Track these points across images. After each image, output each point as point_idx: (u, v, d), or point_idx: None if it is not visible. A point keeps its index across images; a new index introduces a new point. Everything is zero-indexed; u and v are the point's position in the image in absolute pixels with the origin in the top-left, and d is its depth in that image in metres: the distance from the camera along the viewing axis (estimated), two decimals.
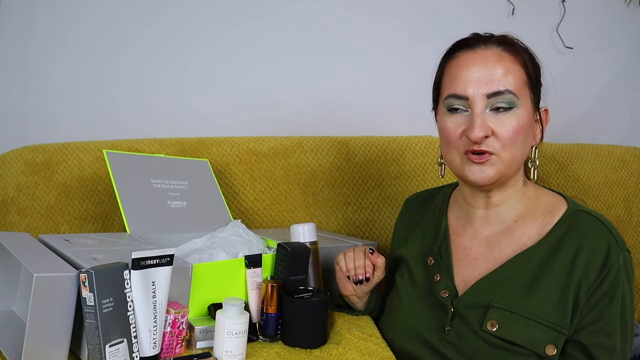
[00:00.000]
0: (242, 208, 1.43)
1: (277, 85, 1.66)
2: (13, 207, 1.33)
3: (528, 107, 0.87)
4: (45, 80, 1.55)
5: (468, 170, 0.88)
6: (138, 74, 1.59)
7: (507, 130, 0.85)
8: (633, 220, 1.59)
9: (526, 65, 0.88)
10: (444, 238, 0.99)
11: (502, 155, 0.86)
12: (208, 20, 1.60)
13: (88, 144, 1.42)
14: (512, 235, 0.92)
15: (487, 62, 0.86)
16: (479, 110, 0.85)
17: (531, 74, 0.88)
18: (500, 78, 0.85)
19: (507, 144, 0.85)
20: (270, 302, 0.92)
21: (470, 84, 0.86)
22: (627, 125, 1.89)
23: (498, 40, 0.89)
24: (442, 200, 1.05)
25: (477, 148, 0.85)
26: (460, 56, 0.89)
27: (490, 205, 0.94)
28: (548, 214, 0.91)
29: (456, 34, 0.95)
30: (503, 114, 0.85)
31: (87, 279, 0.72)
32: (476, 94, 0.85)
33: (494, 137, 0.85)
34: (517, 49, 0.88)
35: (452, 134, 0.89)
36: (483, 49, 0.88)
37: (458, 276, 0.94)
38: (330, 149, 1.51)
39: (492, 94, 0.85)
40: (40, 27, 1.53)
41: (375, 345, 0.91)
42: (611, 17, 1.81)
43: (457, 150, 0.89)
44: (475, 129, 0.84)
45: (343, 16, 1.66)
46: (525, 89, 0.87)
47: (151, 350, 0.78)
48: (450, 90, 0.88)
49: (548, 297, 0.84)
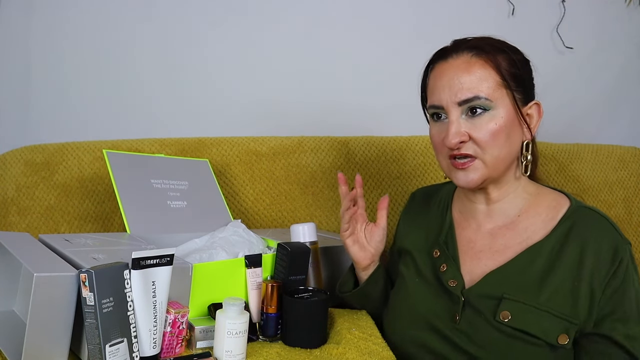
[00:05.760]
0: (242, 208, 1.43)
1: (277, 85, 1.66)
2: (13, 207, 1.33)
3: (507, 106, 0.89)
4: (45, 80, 1.55)
5: (454, 176, 0.93)
6: (138, 74, 1.59)
7: (483, 133, 0.88)
8: (633, 220, 1.59)
9: (499, 66, 0.89)
10: (449, 231, 1.01)
11: (484, 158, 0.89)
12: (208, 21, 1.60)
13: (88, 144, 1.42)
14: (516, 229, 0.94)
15: (456, 71, 0.90)
16: (452, 118, 0.89)
17: (506, 74, 0.89)
18: (469, 85, 0.88)
19: (485, 146, 0.88)
20: (270, 302, 0.92)
21: (443, 94, 0.90)
22: (627, 125, 1.89)
23: (470, 45, 0.91)
24: (447, 194, 1.08)
25: (457, 153, 0.90)
26: (436, 67, 0.94)
27: (490, 201, 0.97)
28: (552, 210, 0.93)
29: (456, 34, 0.96)
30: (478, 118, 0.89)
31: (87, 278, 0.72)
32: (449, 102, 0.90)
33: (472, 141, 0.89)
34: (489, 51, 0.90)
35: (436, 141, 0.94)
36: (454, 57, 0.91)
37: (464, 267, 0.96)
38: (330, 149, 1.51)
39: (462, 102, 0.89)
40: (40, 27, 1.53)
41: (375, 345, 0.91)
42: (611, 17, 1.81)
43: (443, 155, 0.94)
44: (449, 135, 0.89)
45: (343, 16, 1.66)
46: (500, 89, 0.89)
47: (151, 350, 0.78)
48: (430, 101, 0.94)
49: (559, 290, 0.87)
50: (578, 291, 0.86)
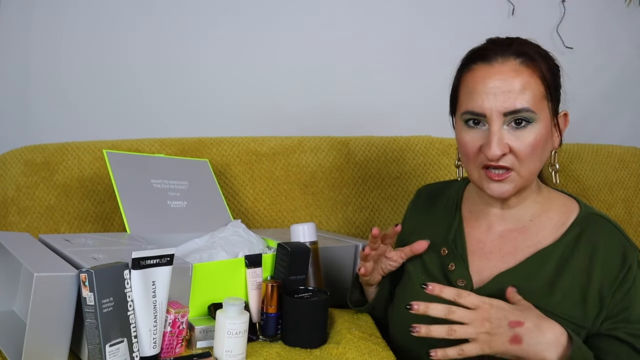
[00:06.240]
0: (242, 208, 1.43)
1: (277, 85, 1.66)
2: (13, 207, 1.33)
3: (546, 118, 0.87)
4: (45, 80, 1.55)
5: (487, 187, 0.89)
6: (138, 74, 1.59)
7: (525, 146, 0.85)
8: (633, 220, 1.59)
9: (544, 76, 0.86)
10: (458, 230, 1.00)
11: (520, 171, 0.86)
12: (208, 20, 1.60)
13: (88, 144, 1.42)
14: (527, 233, 0.94)
15: (505, 77, 0.84)
16: (495, 129, 0.84)
17: (550, 84, 0.87)
18: (517, 95, 0.84)
19: (524, 160, 0.86)
20: (270, 302, 0.92)
21: (487, 101, 0.84)
22: (627, 125, 1.89)
23: (516, 51, 0.87)
24: (456, 193, 1.06)
25: (494, 164, 0.86)
26: (477, 69, 0.88)
27: (507, 207, 0.96)
28: (563, 215, 0.93)
29: (456, 34, 0.96)
30: (521, 131, 0.85)
31: (87, 278, 0.72)
32: (493, 111, 0.84)
33: (512, 154, 0.86)
34: (536, 60, 0.87)
35: (469, 149, 0.89)
36: (500, 62, 0.86)
37: (472, 267, 0.95)
38: (330, 149, 1.51)
39: (509, 112, 0.84)
40: (40, 27, 1.53)
41: (375, 345, 0.91)
42: (611, 17, 1.81)
43: (475, 164, 0.89)
44: (492, 147, 0.84)
45: (343, 16, 1.66)
46: (543, 101, 0.86)
47: (151, 350, 0.78)
48: (467, 106, 0.88)
49: (568, 294, 0.87)
50: (587, 296, 0.86)
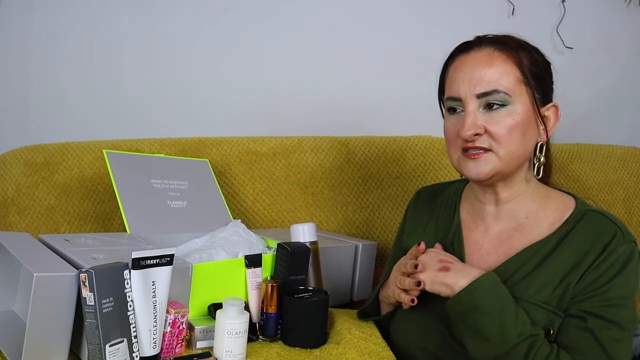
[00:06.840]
0: (242, 208, 1.43)
1: (277, 85, 1.66)
2: (13, 207, 1.33)
3: (525, 104, 0.89)
4: (45, 80, 1.55)
5: (464, 167, 0.91)
6: (138, 74, 1.59)
7: (499, 127, 0.87)
8: (633, 220, 1.59)
9: (520, 63, 0.89)
10: (456, 232, 1.00)
11: (498, 151, 0.88)
12: (208, 21, 1.61)
13: (88, 144, 1.42)
14: (523, 231, 0.94)
15: (478, 63, 0.89)
16: (469, 110, 0.88)
17: (527, 71, 0.89)
18: (490, 78, 0.87)
19: (501, 140, 0.87)
20: (270, 302, 0.92)
21: (462, 85, 0.89)
22: (627, 125, 1.89)
23: (493, 40, 0.91)
24: (454, 194, 1.07)
25: (470, 145, 0.89)
26: (457, 60, 0.93)
27: (499, 202, 0.96)
28: (559, 212, 0.93)
29: (456, 34, 0.96)
30: (495, 112, 0.88)
31: (87, 278, 0.72)
32: (467, 94, 0.88)
33: (487, 135, 0.88)
34: (512, 47, 0.90)
35: (450, 134, 0.93)
36: (476, 50, 0.91)
37: None
38: (330, 149, 1.51)
39: (481, 94, 0.88)
40: (40, 27, 1.53)
41: (375, 345, 0.91)
42: (611, 17, 1.81)
43: (455, 148, 0.92)
44: (464, 127, 0.88)
45: (343, 16, 1.66)
46: (520, 85, 0.88)
47: (151, 350, 0.78)
48: (448, 93, 0.93)
49: (548, 282, 0.87)
50: (566, 284, 0.86)
